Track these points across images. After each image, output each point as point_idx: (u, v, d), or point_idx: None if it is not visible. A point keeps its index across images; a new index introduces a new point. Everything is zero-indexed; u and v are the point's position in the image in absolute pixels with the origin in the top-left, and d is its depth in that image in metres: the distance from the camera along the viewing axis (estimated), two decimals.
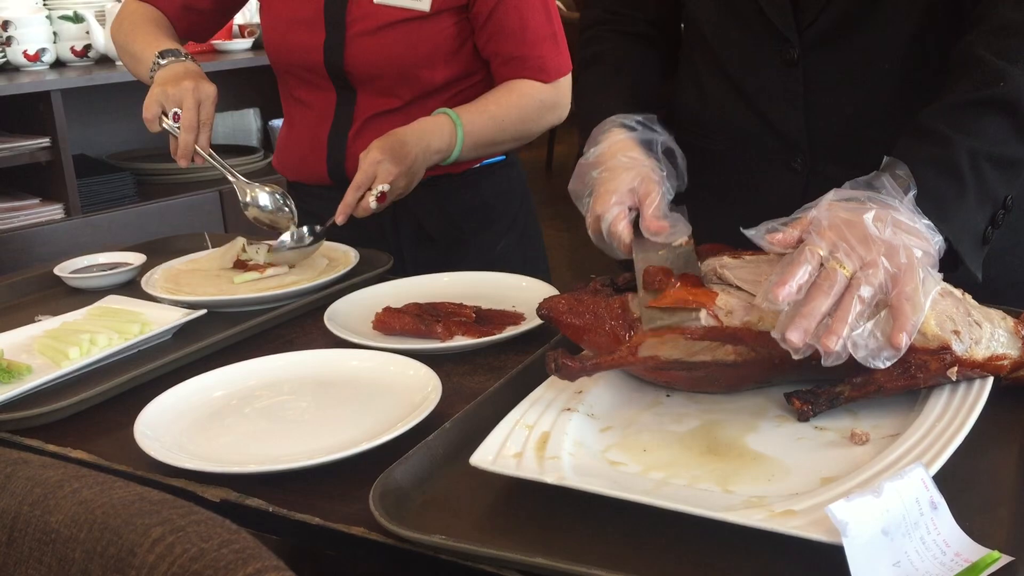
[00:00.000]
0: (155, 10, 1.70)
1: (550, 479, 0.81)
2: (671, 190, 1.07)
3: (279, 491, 0.88)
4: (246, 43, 3.33)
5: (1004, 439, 0.89)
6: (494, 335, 1.19)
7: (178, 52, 1.56)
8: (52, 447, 1.00)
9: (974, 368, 0.92)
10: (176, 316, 1.27)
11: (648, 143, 1.11)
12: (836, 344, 0.84)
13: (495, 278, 1.41)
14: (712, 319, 0.91)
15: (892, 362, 0.86)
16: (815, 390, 0.93)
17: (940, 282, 0.91)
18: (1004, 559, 0.71)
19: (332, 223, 1.46)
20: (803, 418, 0.92)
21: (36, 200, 2.81)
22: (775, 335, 0.87)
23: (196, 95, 1.47)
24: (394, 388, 1.06)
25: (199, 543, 0.61)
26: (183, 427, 1.01)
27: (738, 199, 1.26)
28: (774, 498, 0.78)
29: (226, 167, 1.50)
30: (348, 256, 1.49)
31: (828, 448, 0.88)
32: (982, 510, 0.78)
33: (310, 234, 1.48)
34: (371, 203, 1.44)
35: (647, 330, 0.92)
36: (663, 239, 1.02)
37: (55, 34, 3.01)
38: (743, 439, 0.90)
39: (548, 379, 0.96)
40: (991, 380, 0.92)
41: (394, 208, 1.53)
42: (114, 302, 1.34)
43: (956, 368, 0.90)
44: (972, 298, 0.97)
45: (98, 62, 3.08)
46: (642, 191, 1.05)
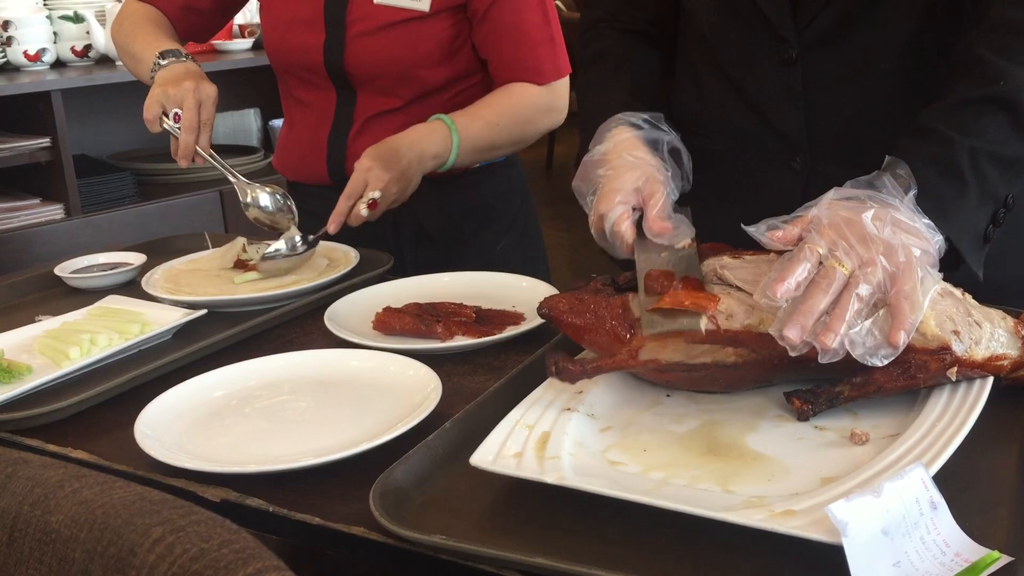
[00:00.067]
0: (155, 10, 1.70)
1: (550, 479, 0.81)
2: (676, 191, 1.06)
3: (279, 491, 0.88)
4: (246, 43, 3.33)
5: (1004, 439, 0.89)
6: (494, 335, 1.19)
7: (179, 52, 1.57)
8: (52, 447, 1.01)
9: (974, 368, 0.92)
10: (176, 316, 1.27)
11: (654, 142, 1.10)
12: (833, 341, 0.84)
13: (495, 278, 1.41)
14: (712, 324, 0.91)
15: (890, 360, 0.86)
16: (815, 390, 0.93)
17: (939, 281, 0.91)
18: (1004, 559, 0.71)
19: (324, 232, 1.45)
20: (803, 418, 0.92)
21: (36, 200, 2.81)
22: (773, 331, 0.87)
23: (197, 96, 1.47)
24: (394, 388, 1.06)
25: (199, 543, 0.61)
26: (183, 427, 1.01)
27: (737, 199, 1.26)
28: (774, 498, 0.78)
29: (227, 167, 1.50)
30: (348, 256, 1.49)
31: (828, 448, 0.88)
32: (982, 510, 0.78)
33: (303, 242, 1.47)
34: (362, 211, 1.44)
35: (647, 335, 0.92)
36: (666, 241, 1.01)
37: (55, 34, 3.01)
38: (743, 439, 0.90)
39: (548, 379, 0.96)
40: (991, 380, 0.92)
41: (394, 208, 1.53)
42: (114, 302, 1.34)
43: (956, 368, 0.91)
44: (972, 298, 0.97)
45: (98, 62, 3.08)
46: (647, 191, 1.04)
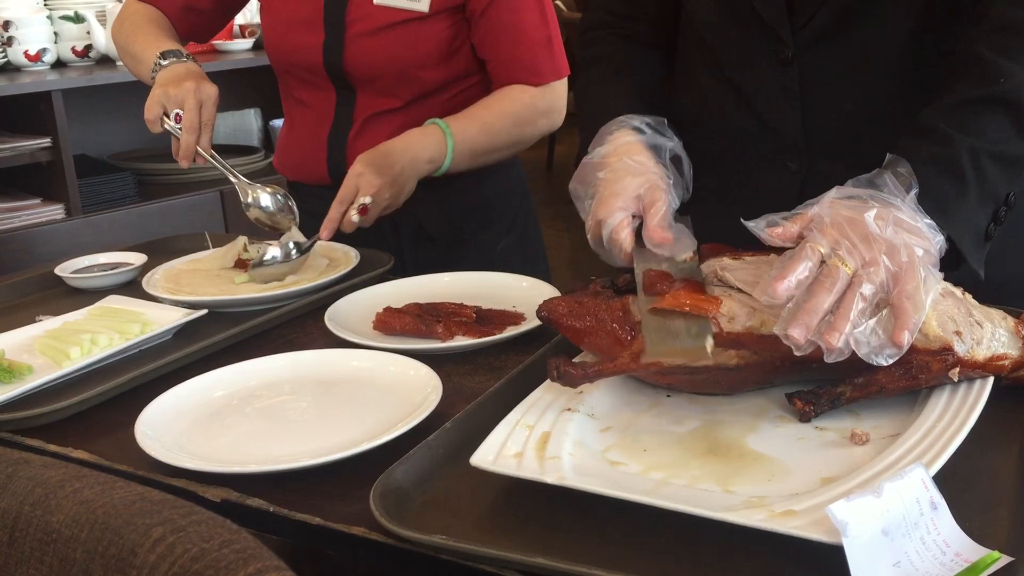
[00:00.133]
0: (156, 10, 1.70)
1: (550, 479, 0.81)
2: (676, 200, 1.04)
3: (280, 491, 0.88)
4: (247, 43, 3.33)
5: (1004, 439, 0.89)
6: (494, 335, 1.19)
7: (179, 53, 1.57)
8: (53, 447, 1.01)
9: (975, 368, 0.92)
10: (177, 316, 1.27)
11: (656, 148, 1.08)
12: (838, 341, 0.84)
13: (495, 278, 1.41)
14: (718, 339, 0.90)
15: (894, 360, 0.86)
16: (816, 391, 0.93)
17: (941, 281, 0.91)
18: (1004, 559, 0.71)
19: (317, 239, 1.45)
20: (805, 419, 0.92)
21: (37, 200, 2.81)
22: (777, 331, 0.87)
23: (198, 96, 1.47)
24: (394, 388, 1.06)
25: (200, 543, 0.61)
26: (184, 427, 1.01)
27: (737, 199, 1.26)
28: (774, 498, 0.78)
29: (228, 168, 1.50)
30: (349, 256, 1.49)
31: (828, 448, 0.88)
32: (982, 510, 0.78)
33: (296, 250, 1.45)
34: (353, 217, 1.44)
35: (651, 354, 0.90)
36: (667, 252, 0.99)
37: (56, 34, 3.01)
38: (743, 439, 0.90)
39: (548, 379, 0.96)
40: (991, 380, 0.92)
41: (387, 213, 1.53)
42: (115, 302, 1.34)
43: (958, 369, 0.90)
44: (972, 297, 0.97)
45: (99, 62, 3.08)
46: (648, 199, 1.02)
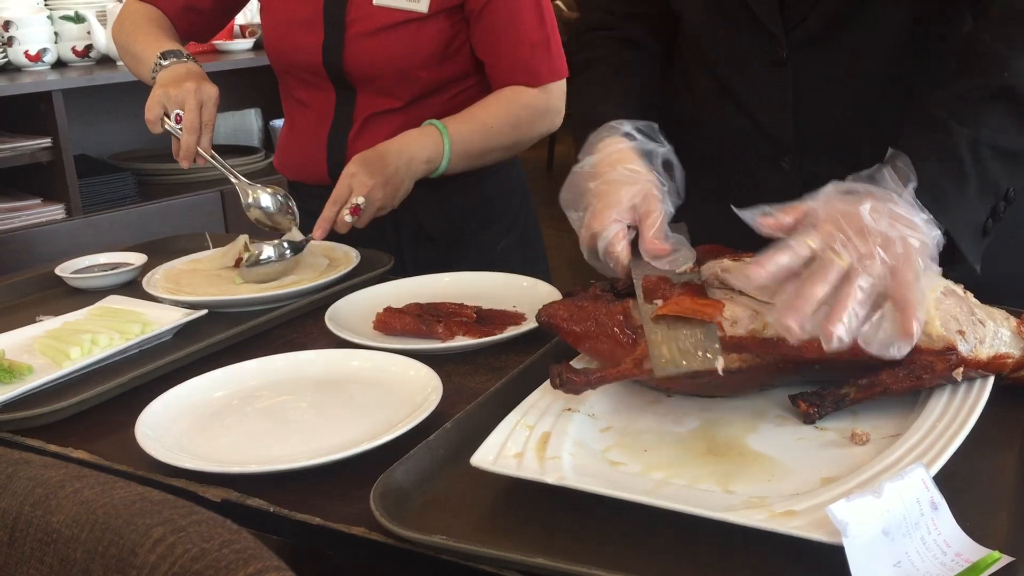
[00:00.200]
0: (156, 10, 1.70)
1: (551, 479, 0.81)
2: (672, 208, 1.02)
3: (280, 491, 0.88)
4: (247, 43, 3.33)
5: (1005, 439, 0.89)
6: (495, 335, 1.19)
7: (180, 53, 1.57)
8: (53, 447, 1.01)
9: (979, 368, 0.91)
10: (177, 316, 1.27)
11: (648, 154, 1.06)
12: (838, 328, 0.83)
13: (496, 278, 1.41)
14: (728, 363, 0.89)
15: (907, 351, 0.85)
16: (820, 392, 0.92)
17: (939, 275, 0.90)
18: (1005, 559, 0.71)
19: (310, 238, 1.45)
20: (809, 420, 0.91)
21: (37, 200, 2.81)
22: (769, 319, 0.86)
23: (198, 96, 1.47)
24: (395, 388, 1.06)
25: (200, 543, 0.61)
26: (184, 427, 1.01)
27: (735, 200, 1.25)
28: (775, 498, 0.78)
29: (228, 168, 1.50)
30: (349, 256, 1.49)
31: (829, 448, 0.87)
32: (983, 510, 0.78)
33: (290, 249, 1.45)
34: (345, 217, 1.44)
35: (660, 378, 0.89)
36: (665, 264, 0.97)
37: (56, 34, 3.01)
38: (744, 439, 0.90)
39: (548, 379, 0.96)
40: (991, 380, 0.92)
41: (394, 209, 1.53)
42: (115, 302, 1.34)
43: (962, 369, 0.90)
44: (973, 296, 0.97)
45: (99, 62, 3.08)
46: (643, 209, 1.00)
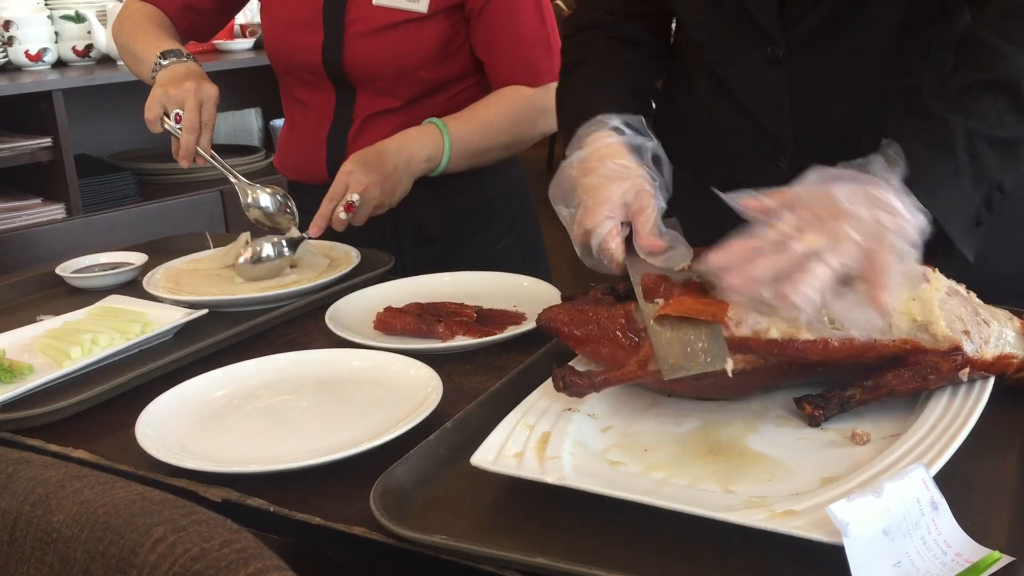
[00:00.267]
0: (156, 10, 1.70)
1: (551, 479, 0.81)
2: (664, 203, 1.01)
3: (280, 491, 0.88)
4: (247, 43, 3.33)
5: (1005, 439, 0.89)
6: (495, 335, 1.19)
7: (180, 52, 1.57)
8: (54, 447, 1.01)
9: (984, 368, 0.91)
10: (177, 316, 1.27)
11: (638, 149, 1.05)
12: (795, 295, 0.82)
13: (496, 278, 1.41)
14: (737, 365, 0.89)
15: (880, 324, 0.84)
16: (826, 394, 0.91)
17: (916, 261, 0.88)
18: (1005, 559, 0.71)
19: (307, 236, 1.45)
20: (814, 423, 0.90)
21: (38, 200, 2.81)
22: (716, 280, 0.86)
23: (198, 96, 1.47)
24: (395, 388, 1.06)
25: (200, 543, 0.61)
26: (184, 427, 1.01)
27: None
28: (775, 498, 0.78)
29: (227, 168, 1.50)
30: (349, 256, 1.49)
31: (829, 448, 0.88)
32: (983, 510, 0.78)
33: (288, 245, 1.45)
34: (340, 214, 1.44)
35: (666, 380, 0.88)
36: (661, 262, 0.96)
37: (57, 34, 3.01)
38: (744, 439, 0.90)
39: (549, 379, 0.96)
40: (992, 381, 0.92)
41: (394, 208, 1.53)
42: (116, 302, 1.34)
43: (967, 369, 0.90)
44: (976, 296, 0.96)
45: (100, 62, 3.08)
46: (636, 205, 0.99)
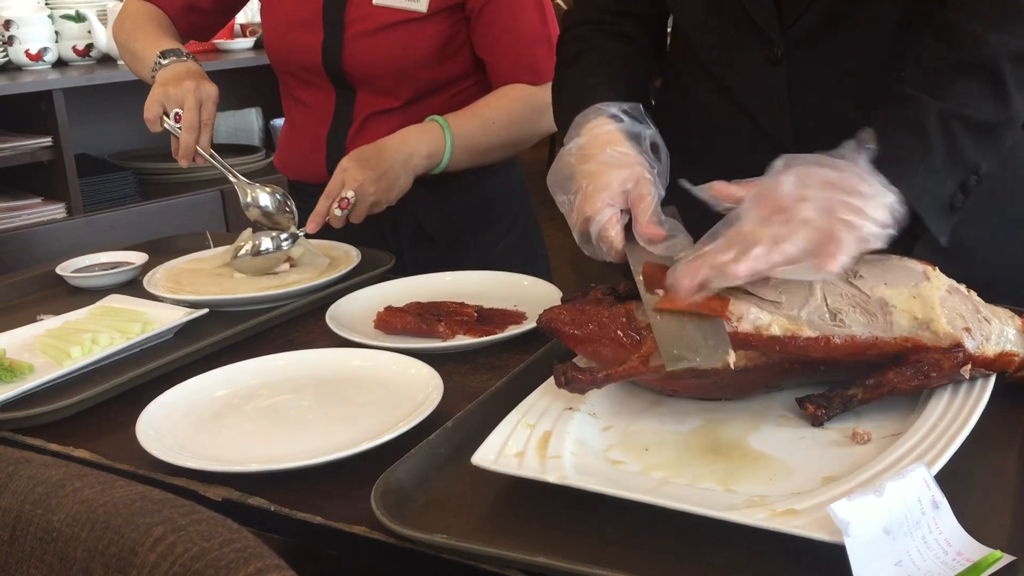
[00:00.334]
0: (157, 9, 1.70)
1: (552, 478, 0.81)
2: (663, 190, 1.01)
3: (281, 490, 0.88)
4: (248, 42, 3.33)
5: (1006, 439, 0.89)
6: (496, 334, 1.19)
7: (180, 52, 1.56)
8: (54, 446, 1.01)
9: (985, 365, 0.91)
10: (178, 315, 1.27)
11: (636, 136, 1.04)
12: (739, 267, 0.83)
13: (497, 277, 1.41)
14: (740, 358, 0.89)
15: (827, 267, 0.85)
16: (828, 394, 0.91)
17: (885, 238, 0.88)
18: (1006, 558, 0.71)
19: (304, 232, 1.45)
20: (817, 423, 0.90)
21: (38, 199, 2.81)
22: (668, 278, 0.87)
23: (197, 95, 1.47)
24: (396, 387, 1.06)
25: (200, 542, 0.61)
26: (185, 426, 1.01)
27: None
28: (776, 497, 0.78)
29: (227, 168, 1.50)
30: (350, 256, 1.49)
31: (830, 447, 0.87)
32: (984, 509, 0.78)
33: (286, 240, 1.45)
34: (335, 211, 1.43)
35: (669, 373, 0.88)
36: (661, 250, 0.96)
37: (57, 33, 3.01)
38: (745, 438, 0.90)
39: (550, 378, 0.96)
40: (993, 380, 0.92)
41: (394, 208, 1.53)
42: (116, 301, 1.34)
43: (969, 366, 0.90)
44: (977, 295, 0.96)
45: (100, 61, 3.08)
46: (635, 193, 0.99)
